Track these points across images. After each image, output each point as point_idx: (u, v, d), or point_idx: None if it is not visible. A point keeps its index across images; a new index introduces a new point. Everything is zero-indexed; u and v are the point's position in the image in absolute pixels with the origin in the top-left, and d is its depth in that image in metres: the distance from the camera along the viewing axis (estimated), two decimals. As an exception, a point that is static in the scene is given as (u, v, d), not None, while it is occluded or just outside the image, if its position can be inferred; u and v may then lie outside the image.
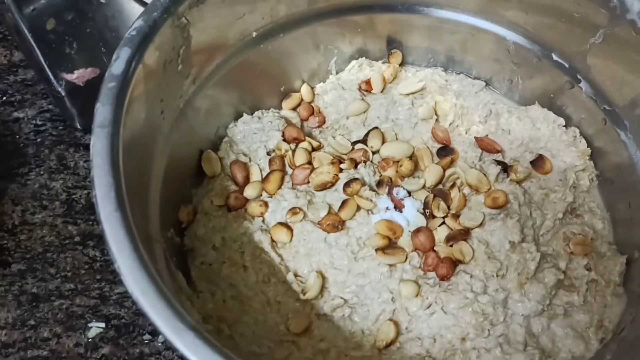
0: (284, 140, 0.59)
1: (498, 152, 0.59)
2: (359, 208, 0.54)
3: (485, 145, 0.59)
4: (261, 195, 0.56)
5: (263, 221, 0.55)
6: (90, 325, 0.58)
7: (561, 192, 0.56)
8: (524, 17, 0.58)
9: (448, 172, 0.57)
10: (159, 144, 0.51)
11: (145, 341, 0.57)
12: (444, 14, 0.61)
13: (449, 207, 0.55)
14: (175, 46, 0.50)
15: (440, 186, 0.57)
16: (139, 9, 0.58)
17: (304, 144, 0.58)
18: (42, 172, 0.66)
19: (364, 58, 0.65)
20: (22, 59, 0.72)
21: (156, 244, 0.47)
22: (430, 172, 0.56)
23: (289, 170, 0.57)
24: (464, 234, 0.53)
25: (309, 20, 0.61)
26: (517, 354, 0.48)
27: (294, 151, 0.57)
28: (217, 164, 0.58)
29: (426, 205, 0.55)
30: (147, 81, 0.47)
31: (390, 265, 0.51)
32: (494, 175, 0.56)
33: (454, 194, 0.55)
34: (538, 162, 0.57)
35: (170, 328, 0.36)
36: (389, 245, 0.52)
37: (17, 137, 0.68)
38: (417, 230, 0.53)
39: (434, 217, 0.54)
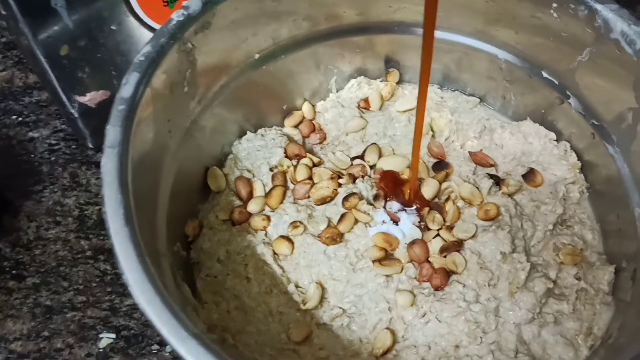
0: (286, 156, 0.61)
1: (491, 166, 0.61)
2: (356, 221, 0.56)
3: (479, 160, 0.61)
4: (264, 209, 0.58)
5: (266, 234, 0.57)
6: (101, 336, 0.60)
7: (552, 204, 0.57)
8: (514, 37, 0.60)
9: (443, 185, 0.59)
10: (166, 161, 0.54)
11: (154, 351, 0.59)
12: (438, 34, 0.62)
13: (444, 220, 0.57)
14: (181, 70, 0.53)
15: (437, 199, 0.59)
16: (148, 34, 0.61)
17: (305, 160, 0.61)
18: (55, 190, 0.69)
19: (362, 77, 0.68)
20: (36, 81, 0.75)
21: (163, 258, 0.50)
22: (427, 186, 0.59)
23: (291, 186, 0.60)
24: (457, 245, 0.55)
25: (310, 42, 0.63)
26: (508, 361, 0.50)
27: (295, 167, 0.60)
28: (222, 180, 0.60)
29: (421, 217, 0.57)
30: (155, 103, 0.49)
31: (387, 276, 0.53)
32: (487, 188, 0.58)
33: (449, 206, 0.57)
34: (529, 176, 0.59)
35: (175, 336, 0.38)
36: (386, 257, 0.54)
37: (32, 156, 0.71)
38: (412, 243, 0.55)
39: (428, 229, 0.56)
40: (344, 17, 0.62)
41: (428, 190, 0.58)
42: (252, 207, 0.58)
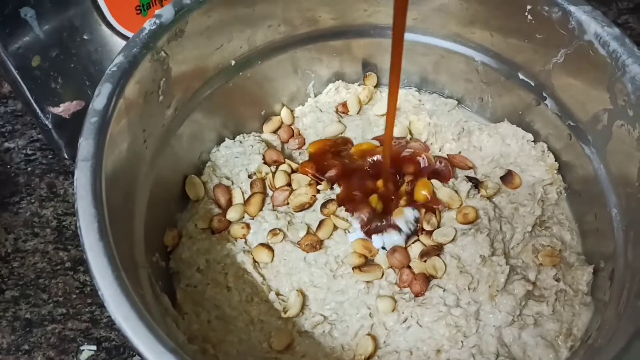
0: (265, 163, 0.61)
1: (470, 168, 0.61)
2: (335, 227, 0.56)
3: (457, 163, 0.62)
4: (243, 217, 0.58)
5: (245, 242, 0.57)
6: (82, 348, 0.59)
7: (530, 206, 0.58)
8: (490, 39, 0.60)
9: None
10: (142, 171, 0.53)
11: (136, 362, 0.59)
12: (415, 37, 0.63)
13: (438, 223, 0.57)
14: (155, 79, 0.52)
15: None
16: (121, 42, 0.60)
17: (283, 167, 0.60)
18: (33, 201, 0.68)
19: (340, 81, 0.68)
20: (11, 90, 0.74)
21: (141, 269, 0.49)
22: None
23: (270, 192, 0.59)
24: (437, 249, 0.55)
25: (287, 47, 0.63)
26: (489, 364, 0.50)
27: (274, 174, 0.59)
28: (201, 188, 0.60)
29: (417, 220, 0.57)
30: (129, 114, 0.49)
31: (367, 282, 0.53)
32: (465, 191, 0.58)
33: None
34: (507, 178, 0.59)
35: (152, 351, 0.38)
36: (366, 263, 0.54)
37: (9, 166, 0.70)
38: (393, 249, 0.55)
39: (423, 230, 0.56)
40: (320, 22, 0.62)
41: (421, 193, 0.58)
42: (232, 215, 0.58)
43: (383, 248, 0.55)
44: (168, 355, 0.37)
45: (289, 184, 0.59)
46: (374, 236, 0.55)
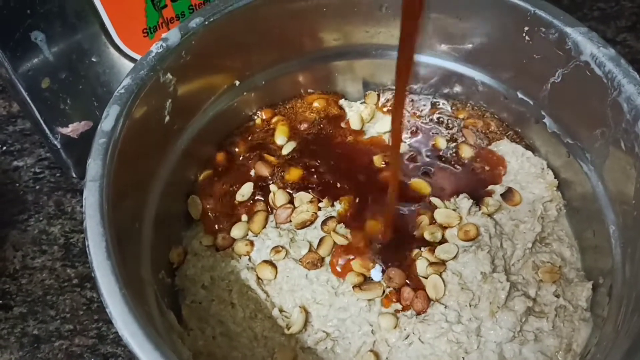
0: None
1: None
2: (335, 244, 0.56)
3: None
4: (247, 235, 0.59)
5: (249, 259, 0.58)
6: (89, 364, 0.60)
7: (530, 223, 0.58)
8: (490, 59, 0.61)
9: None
10: (150, 191, 0.55)
11: (142, 378, 0.60)
12: (415, 57, 0.65)
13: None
14: (162, 100, 0.54)
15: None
16: (129, 64, 0.61)
17: (273, 187, 0.61)
18: (41, 218, 0.69)
19: (343, 99, 0.69)
20: (20, 110, 0.76)
21: (148, 286, 0.50)
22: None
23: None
24: (441, 265, 0.55)
25: (290, 68, 0.65)
26: (490, 379, 0.51)
27: (275, 192, 0.60)
28: (204, 207, 0.61)
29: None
30: (136, 135, 0.50)
31: (369, 300, 0.54)
32: (467, 208, 0.59)
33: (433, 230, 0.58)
34: (507, 195, 0.60)
35: (158, 368, 0.39)
36: (365, 281, 0.55)
37: (17, 185, 0.71)
38: (389, 273, 0.55)
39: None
40: (324, 43, 0.64)
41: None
42: (235, 232, 0.59)
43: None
44: (174, 372, 0.38)
45: (291, 202, 0.60)
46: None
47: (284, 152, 0.63)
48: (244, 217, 0.60)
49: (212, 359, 0.53)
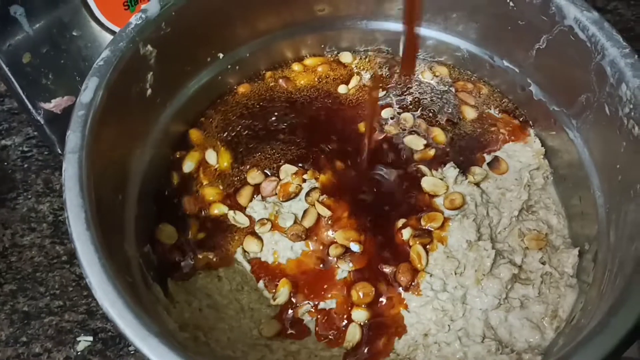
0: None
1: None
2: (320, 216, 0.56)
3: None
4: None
5: (235, 232, 0.58)
6: (78, 339, 0.61)
7: (517, 191, 0.58)
8: (474, 27, 0.61)
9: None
10: (132, 163, 0.54)
11: (132, 352, 0.60)
12: (401, 27, 0.64)
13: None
14: (142, 73, 0.53)
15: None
16: (110, 38, 0.61)
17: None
18: (29, 196, 0.69)
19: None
20: (7, 89, 0.76)
21: (132, 259, 0.50)
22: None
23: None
24: (426, 234, 0.55)
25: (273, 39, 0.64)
26: (475, 346, 0.50)
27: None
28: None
29: None
30: (117, 107, 0.50)
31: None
32: (453, 177, 0.58)
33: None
34: (494, 163, 0.60)
35: (137, 335, 0.39)
36: (346, 252, 0.54)
37: (6, 163, 0.71)
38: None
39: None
40: (310, 13, 0.63)
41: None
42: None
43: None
44: (152, 339, 0.38)
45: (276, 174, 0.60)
46: None
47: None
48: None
49: (198, 330, 0.53)
